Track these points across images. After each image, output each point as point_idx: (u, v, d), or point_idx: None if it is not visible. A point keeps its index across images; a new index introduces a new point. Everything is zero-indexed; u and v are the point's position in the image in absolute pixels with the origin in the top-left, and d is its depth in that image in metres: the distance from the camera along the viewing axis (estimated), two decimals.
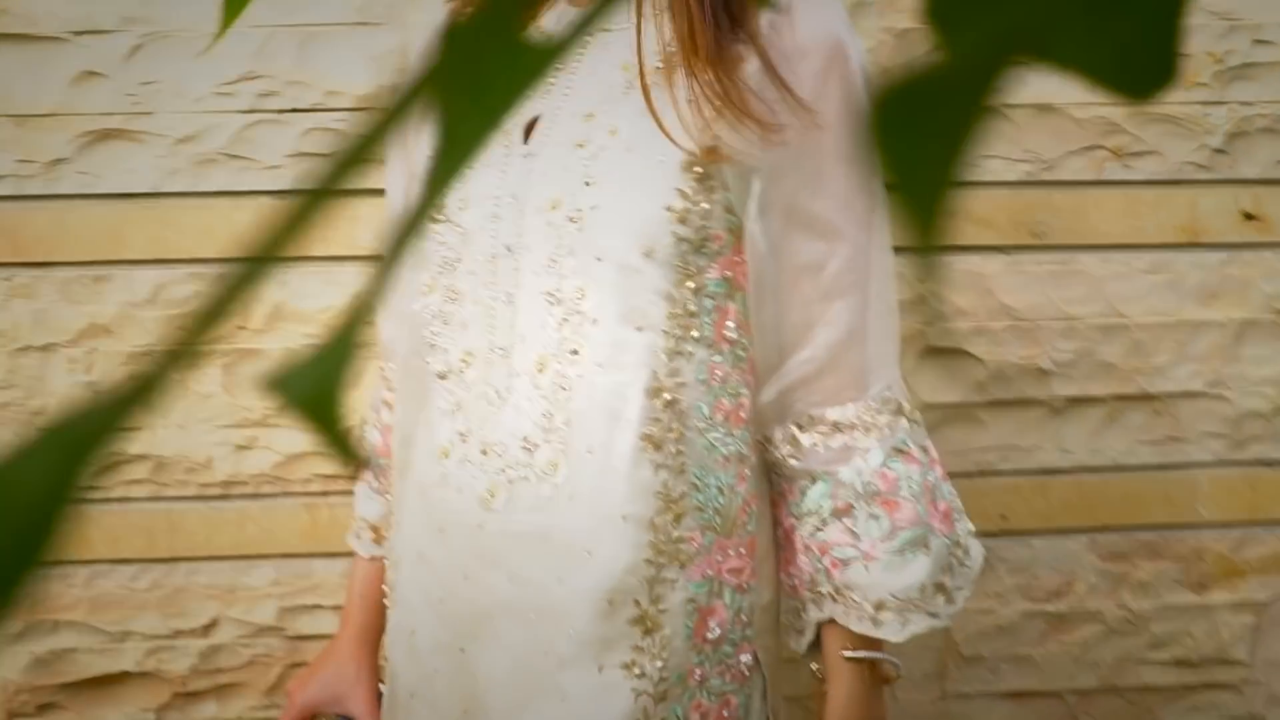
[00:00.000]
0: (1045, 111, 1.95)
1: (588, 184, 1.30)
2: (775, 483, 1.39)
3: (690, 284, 1.30)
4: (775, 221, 1.30)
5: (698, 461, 1.31)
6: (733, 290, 1.33)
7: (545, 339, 1.31)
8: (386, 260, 0.31)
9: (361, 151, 0.30)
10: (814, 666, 1.39)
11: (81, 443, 0.28)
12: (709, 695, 1.32)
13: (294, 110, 1.87)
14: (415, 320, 1.41)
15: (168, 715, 1.94)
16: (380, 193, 1.53)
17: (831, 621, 1.35)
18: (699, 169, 1.28)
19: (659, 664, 1.30)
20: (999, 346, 1.97)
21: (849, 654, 1.34)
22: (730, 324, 1.33)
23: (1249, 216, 2.00)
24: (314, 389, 0.28)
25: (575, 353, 1.30)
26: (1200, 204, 1.99)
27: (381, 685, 1.55)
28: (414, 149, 1.48)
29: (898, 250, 1.36)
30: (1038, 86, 1.94)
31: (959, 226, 1.93)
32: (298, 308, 1.88)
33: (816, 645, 1.38)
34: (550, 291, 1.31)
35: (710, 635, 1.32)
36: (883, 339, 1.35)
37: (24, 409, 1.87)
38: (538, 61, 0.31)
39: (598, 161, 1.30)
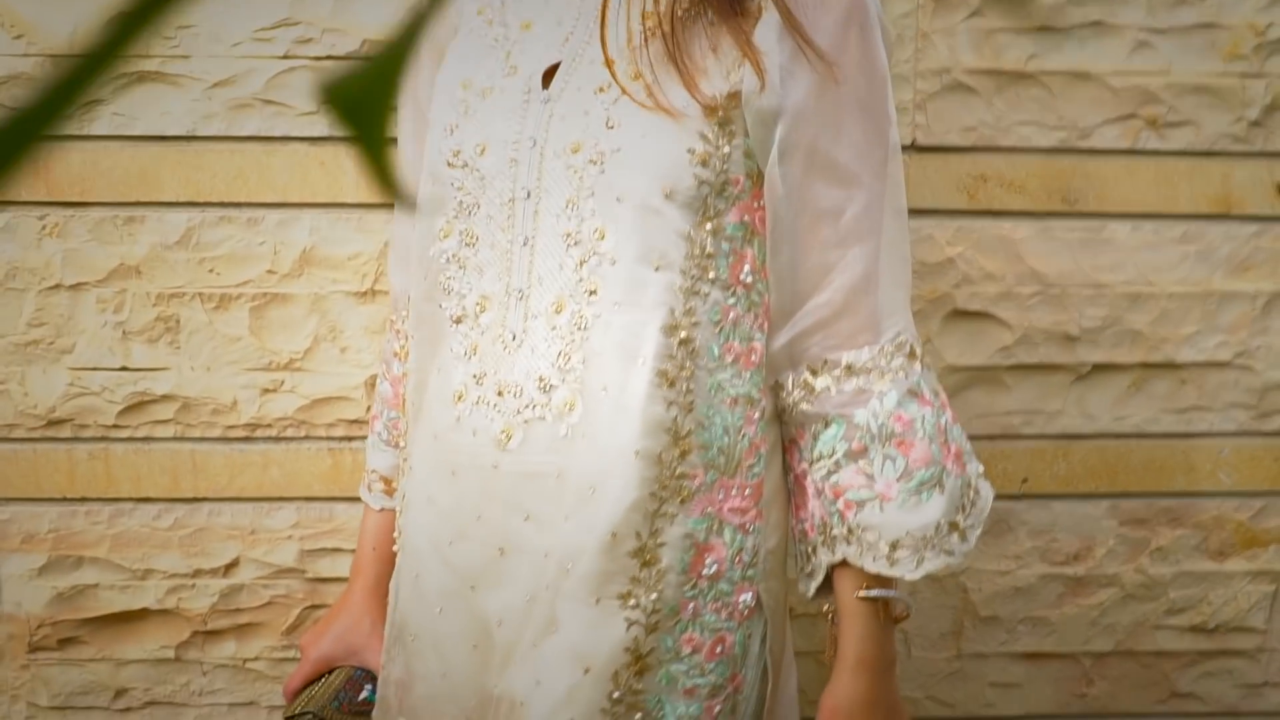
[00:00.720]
0: (1082, 79, 1.94)
1: (610, 127, 1.31)
2: (786, 429, 1.39)
3: (709, 226, 1.31)
4: (795, 167, 1.31)
5: (705, 400, 1.32)
6: (750, 235, 1.34)
7: (563, 280, 1.32)
8: None
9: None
10: (825, 607, 1.39)
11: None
12: (702, 630, 1.33)
13: (330, 57, 1.87)
14: (431, 265, 1.42)
15: (187, 653, 1.96)
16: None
17: (843, 564, 1.35)
18: (720, 114, 1.29)
19: (654, 596, 1.31)
20: (1027, 311, 1.96)
21: (863, 593, 1.34)
22: (746, 268, 1.33)
23: None
24: (361, 98, 0.29)
25: (593, 293, 1.31)
26: (1234, 176, 1.98)
27: None
28: (424, 98, 1.48)
29: (913, 212, 1.37)
30: (1075, 54, 1.93)
31: (990, 191, 1.93)
32: (327, 253, 1.88)
33: (825, 589, 1.38)
34: (569, 233, 1.32)
35: (707, 571, 1.33)
36: (896, 285, 1.35)
37: (53, 347, 1.88)
38: None
39: (620, 105, 1.31)
